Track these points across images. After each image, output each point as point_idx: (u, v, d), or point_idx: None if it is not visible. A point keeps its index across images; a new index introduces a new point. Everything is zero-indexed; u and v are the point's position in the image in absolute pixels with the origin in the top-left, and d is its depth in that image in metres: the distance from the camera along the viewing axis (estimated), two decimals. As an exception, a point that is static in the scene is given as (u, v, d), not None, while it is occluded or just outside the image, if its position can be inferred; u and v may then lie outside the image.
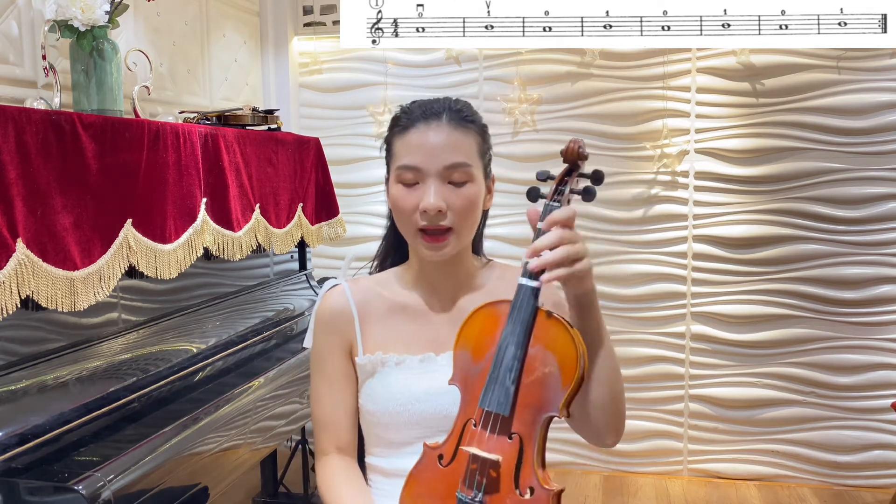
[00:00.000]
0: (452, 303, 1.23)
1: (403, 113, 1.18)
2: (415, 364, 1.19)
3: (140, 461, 1.44)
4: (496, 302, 1.06)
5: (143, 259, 1.71)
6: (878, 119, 2.82)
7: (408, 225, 1.16)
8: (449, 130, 1.14)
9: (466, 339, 1.07)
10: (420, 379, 1.17)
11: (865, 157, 2.85)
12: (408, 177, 1.14)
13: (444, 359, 1.18)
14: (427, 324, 1.22)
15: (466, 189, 1.14)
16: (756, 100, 2.90)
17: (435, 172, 1.12)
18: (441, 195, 1.12)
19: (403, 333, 1.22)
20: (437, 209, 1.11)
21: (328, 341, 1.23)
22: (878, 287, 2.89)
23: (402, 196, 1.15)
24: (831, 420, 2.99)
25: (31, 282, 1.38)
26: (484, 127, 1.20)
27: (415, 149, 1.13)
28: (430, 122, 1.14)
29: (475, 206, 1.16)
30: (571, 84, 3.01)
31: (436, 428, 1.13)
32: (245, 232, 2.14)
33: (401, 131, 1.16)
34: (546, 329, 1.00)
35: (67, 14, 1.75)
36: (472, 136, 1.16)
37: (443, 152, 1.12)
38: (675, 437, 3.11)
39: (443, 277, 1.22)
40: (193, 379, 1.87)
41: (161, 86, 2.37)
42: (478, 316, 1.07)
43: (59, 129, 1.47)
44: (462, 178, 1.13)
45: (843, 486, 3.00)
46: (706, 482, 3.08)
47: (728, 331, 3.02)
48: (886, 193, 2.85)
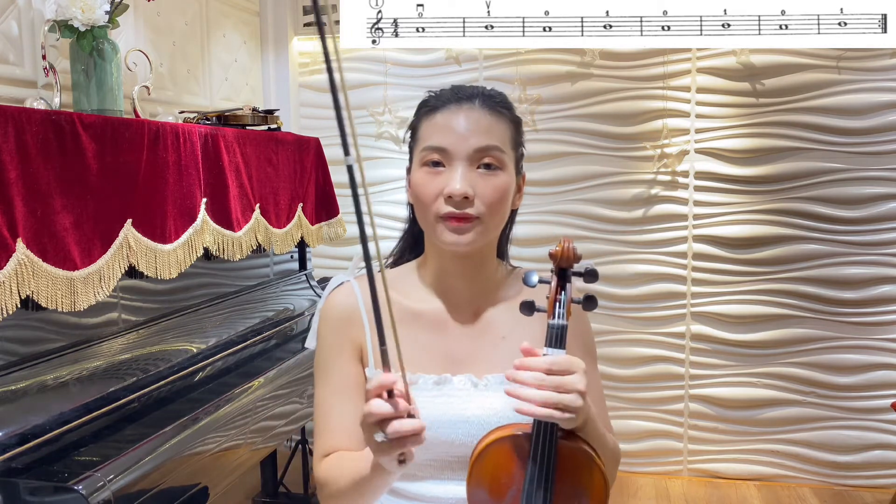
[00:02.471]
0: (473, 314, 1.12)
1: (432, 95, 1.08)
2: (429, 385, 1.07)
3: (140, 461, 1.44)
4: (507, 437, 0.97)
5: (143, 259, 1.71)
6: (878, 119, 2.82)
7: (429, 213, 1.03)
8: (481, 113, 1.04)
9: (481, 476, 0.98)
10: (434, 403, 1.05)
11: (865, 157, 2.85)
12: (433, 158, 1.03)
13: (460, 382, 1.07)
14: (444, 337, 1.10)
15: (497, 177, 1.03)
16: (756, 100, 2.90)
17: (464, 155, 1.02)
18: (469, 180, 1.01)
19: (417, 346, 1.08)
20: (463, 194, 1.00)
21: (335, 344, 1.11)
22: (878, 287, 2.89)
23: (425, 181, 1.03)
24: (831, 420, 2.99)
25: (31, 282, 1.38)
26: (518, 119, 1.10)
27: (442, 129, 1.03)
28: (462, 104, 1.04)
29: (505, 198, 1.04)
30: (571, 84, 3.01)
31: (445, 455, 1.05)
32: (245, 232, 2.14)
33: (428, 112, 1.06)
34: (570, 461, 0.95)
35: (67, 14, 1.75)
36: (505, 123, 1.06)
37: (473, 134, 1.02)
38: (675, 437, 3.11)
39: (463, 280, 1.10)
40: (193, 379, 1.87)
41: (161, 86, 2.37)
42: (490, 452, 0.98)
43: (59, 129, 1.47)
44: (493, 163, 1.03)
45: (843, 486, 3.00)
46: (706, 482, 3.08)
47: (728, 331, 3.02)
48: (886, 193, 2.85)
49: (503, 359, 1.08)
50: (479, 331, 1.11)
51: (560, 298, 0.96)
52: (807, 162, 2.89)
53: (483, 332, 1.11)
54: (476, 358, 1.09)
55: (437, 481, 1.07)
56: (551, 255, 0.98)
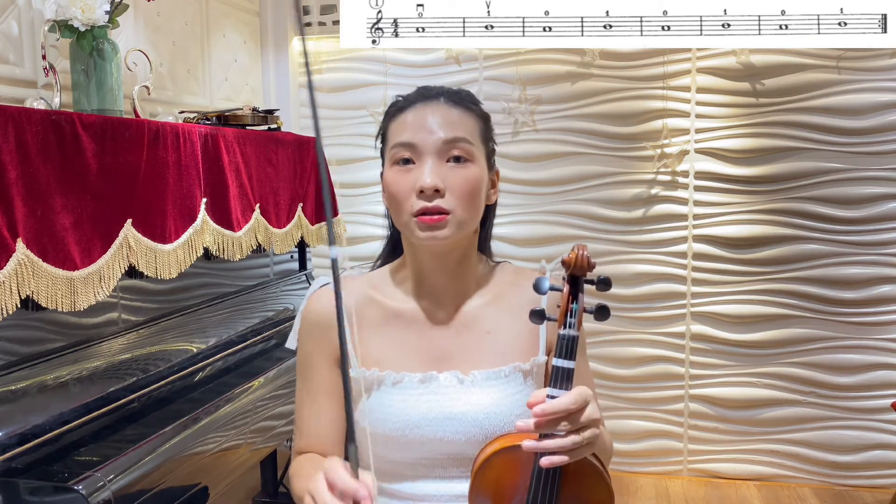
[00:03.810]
0: (455, 310, 1.10)
1: (399, 97, 1.09)
2: (414, 384, 1.06)
3: (140, 461, 1.44)
4: (511, 447, 0.95)
5: (143, 259, 1.71)
6: (878, 119, 2.82)
7: (403, 212, 1.03)
8: (447, 107, 1.04)
9: (483, 486, 0.96)
10: (419, 402, 1.04)
11: (865, 157, 2.85)
12: (403, 155, 1.03)
13: (446, 379, 1.06)
14: (427, 335, 1.09)
15: (467, 169, 1.03)
16: (756, 100, 2.90)
17: (433, 149, 1.02)
18: (439, 174, 1.01)
19: (400, 345, 1.08)
20: (433, 187, 1.00)
21: (314, 349, 1.11)
22: (878, 287, 2.89)
23: (396, 179, 1.03)
24: (831, 420, 2.99)
25: (31, 282, 1.38)
26: (486, 115, 1.11)
27: (410, 126, 1.03)
28: (429, 102, 1.05)
29: (477, 189, 1.04)
30: (571, 84, 3.01)
31: (434, 454, 1.04)
32: (245, 232, 2.14)
33: (396, 113, 1.07)
34: (576, 473, 0.94)
35: (67, 14, 1.75)
36: (472, 118, 1.07)
37: (441, 128, 1.02)
38: (675, 437, 3.11)
39: (443, 277, 1.09)
40: (193, 379, 1.87)
41: (161, 86, 2.37)
42: (494, 462, 0.96)
43: (59, 129, 1.47)
44: (462, 155, 1.03)
45: (843, 486, 3.00)
46: (706, 482, 3.08)
47: (728, 331, 3.02)
48: (886, 193, 2.85)
49: (488, 354, 1.08)
50: (463, 327, 1.10)
51: (572, 308, 0.92)
52: (807, 162, 2.89)
53: (467, 329, 1.10)
54: (461, 354, 1.09)
55: (427, 480, 1.07)
56: (564, 262, 0.95)
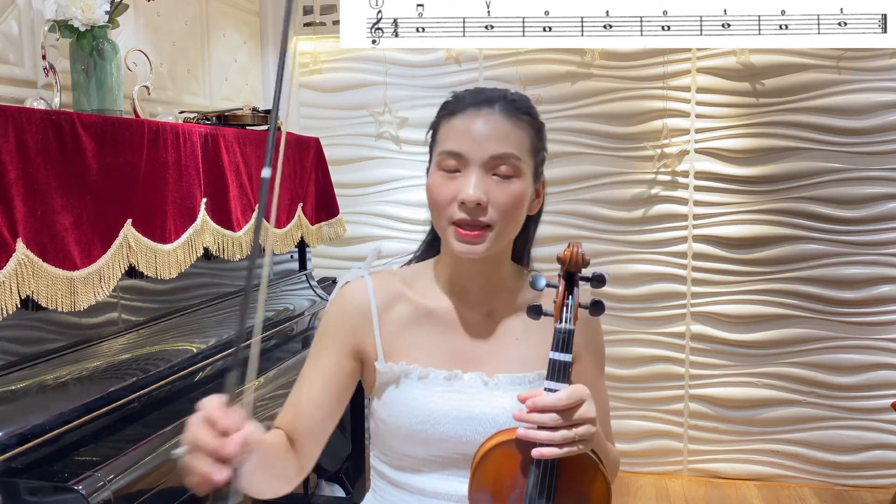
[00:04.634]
0: (486, 314, 1.12)
1: (454, 97, 1.08)
2: (439, 380, 1.07)
3: (140, 461, 1.44)
4: (510, 441, 0.97)
5: (143, 259, 1.71)
6: (878, 119, 2.82)
7: (442, 218, 1.03)
8: (500, 119, 1.03)
9: (483, 480, 0.98)
10: (443, 398, 1.06)
11: (865, 157, 2.85)
12: (449, 164, 1.02)
13: (471, 379, 1.08)
14: (456, 335, 1.11)
15: (512, 185, 1.02)
16: (756, 100, 2.90)
17: (479, 161, 1.01)
18: (483, 187, 1.00)
19: (429, 343, 1.10)
20: (476, 201, 0.99)
21: (334, 338, 1.11)
22: (878, 287, 2.89)
23: (440, 184, 1.03)
24: (831, 420, 2.99)
25: (31, 282, 1.38)
26: (540, 124, 1.10)
27: (460, 134, 1.02)
28: (481, 109, 1.03)
29: (519, 205, 1.04)
30: (571, 84, 3.01)
31: (451, 452, 1.06)
32: (245, 232, 2.14)
33: (448, 115, 1.06)
34: (574, 467, 0.96)
35: (67, 14, 1.75)
36: (524, 130, 1.05)
37: (490, 141, 1.01)
38: (675, 437, 3.11)
39: (476, 281, 1.11)
40: (193, 379, 1.87)
41: (161, 86, 2.37)
42: (493, 456, 0.98)
43: (59, 129, 1.47)
44: (508, 171, 1.02)
45: (843, 486, 3.00)
46: (706, 482, 3.08)
47: (728, 331, 3.02)
48: (886, 193, 2.85)
49: (515, 360, 1.10)
50: (492, 331, 1.11)
51: (567, 303, 0.96)
52: (807, 162, 2.89)
53: (496, 333, 1.11)
54: (488, 357, 1.10)
55: (441, 476, 1.08)
56: (559, 258, 0.98)
